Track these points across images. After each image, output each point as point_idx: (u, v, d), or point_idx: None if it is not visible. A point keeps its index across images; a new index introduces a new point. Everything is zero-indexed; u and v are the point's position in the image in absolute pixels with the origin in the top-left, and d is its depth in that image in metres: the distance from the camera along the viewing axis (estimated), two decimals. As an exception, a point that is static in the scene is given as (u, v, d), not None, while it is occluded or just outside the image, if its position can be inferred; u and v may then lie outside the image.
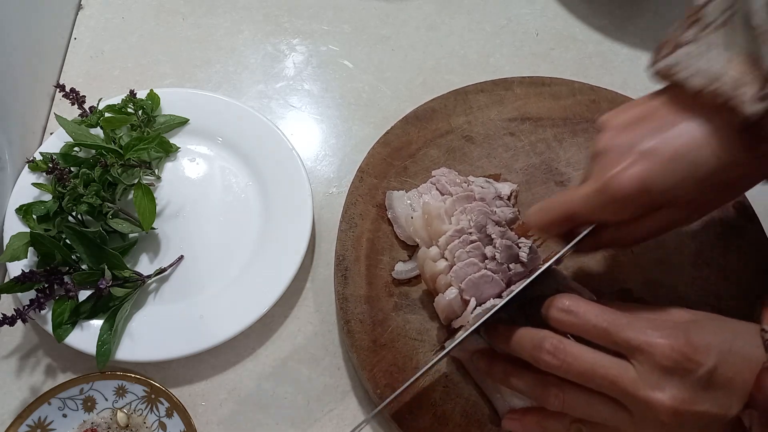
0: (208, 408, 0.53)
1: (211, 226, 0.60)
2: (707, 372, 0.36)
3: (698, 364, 0.36)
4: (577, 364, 0.39)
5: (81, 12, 0.75)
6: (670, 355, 0.37)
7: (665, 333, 0.38)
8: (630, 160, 0.40)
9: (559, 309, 0.41)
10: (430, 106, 0.63)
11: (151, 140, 0.59)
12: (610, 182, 0.40)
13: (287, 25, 0.75)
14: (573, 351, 0.39)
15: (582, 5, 0.78)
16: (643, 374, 0.37)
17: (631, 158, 0.40)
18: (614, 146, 0.41)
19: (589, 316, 0.40)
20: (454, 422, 0.49)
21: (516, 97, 0.64)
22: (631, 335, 0.38)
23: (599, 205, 0.41)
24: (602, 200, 0.41)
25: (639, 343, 0.38)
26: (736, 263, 0.56)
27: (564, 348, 0.40)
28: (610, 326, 0.39)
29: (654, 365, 0.37)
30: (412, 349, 0.51)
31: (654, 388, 0.37)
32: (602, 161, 0.41)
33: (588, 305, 0.40)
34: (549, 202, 0.45)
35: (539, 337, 0.41)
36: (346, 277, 0.54)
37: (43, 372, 0.54)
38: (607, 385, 0.38)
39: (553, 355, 0.40)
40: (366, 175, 0.59)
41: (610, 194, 0.40)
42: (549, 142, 0.62)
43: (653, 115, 0.41)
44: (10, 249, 0.53)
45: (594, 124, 0.43)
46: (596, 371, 0.39)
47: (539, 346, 0.40)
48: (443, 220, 0.51)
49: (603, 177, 0.40)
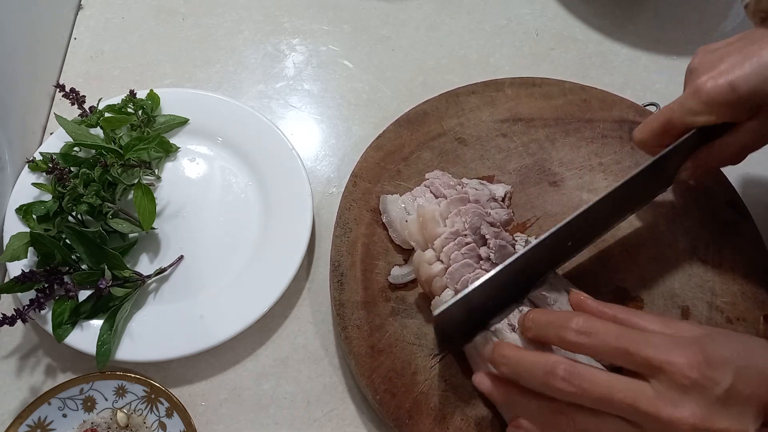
0: (208, 408, 0.53)
1: (211, 226, 0.60)
2: (726, 389, 0.36)
3: (717, 381, 0.36)
4: (593, 390, 0.38)
5: (81, 12, 0.75)
6: (689, 373, 0.36)
7: (684, 350, 0.37)
8: (721, 68, 0.45)
9: (574, 332, 0.40)
10: (422, 108, 0.63)
11: (151, 140, 0.59)
12: (702, 85, 0.45)
13: (287, 25, 0.75)
14: (588, 376, 0.38)
15: (582, 5, 0.78)
16: (661, 393, 0.37)
17: (722, 66, 0.45)
18: (706, 61, 0.47)
19: (608, 338, 0.39)
20: (454, 426, 0.49)
21: (507, 98, 0.64)
22: (652, 354, 0.37)
23: (694, 108, 0.46)
24: (696, 102, 0.46)
25: (660, 362, 0.37)
26: (731, 260, 0.56)
27: (579, 373, 0.38)
28: (630, 346, 0.38)
29: (673, 383, 0.36)
30: (411, 354, 0.51)
31: (674, 405, 0.36)
32: (695, 73, 0.47)
33: (604, 324, 0.40)
34: (652, 115, 0.50)
35: (551, 363, 0.39)
36: (342, 283, 0.54)
37: (43, 372, 0.54)
38: (625, 408, 0.37)
39: (568, 382, 0.38)
40: (359, 180, 0.59)
41: (703, 95, 0.45)
42: (541, 143, 0.62)
43: (742, 40, 0.47)
44: (10, 249, 0.53)
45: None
46: (614, 396, 0.37)
47: (552, 373, 0.39)
48: (438, 222, 0.51)
49: (696, 82, 0.46)
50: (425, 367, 0.51)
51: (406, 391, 0.50)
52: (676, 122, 0.47)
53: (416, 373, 0.51)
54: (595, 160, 0.61)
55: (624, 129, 0.63)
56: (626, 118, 0.63)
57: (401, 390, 0.50)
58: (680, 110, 0.47)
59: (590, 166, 0.61)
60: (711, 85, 0.45)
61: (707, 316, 0.54)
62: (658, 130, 0.49)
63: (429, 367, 0.51)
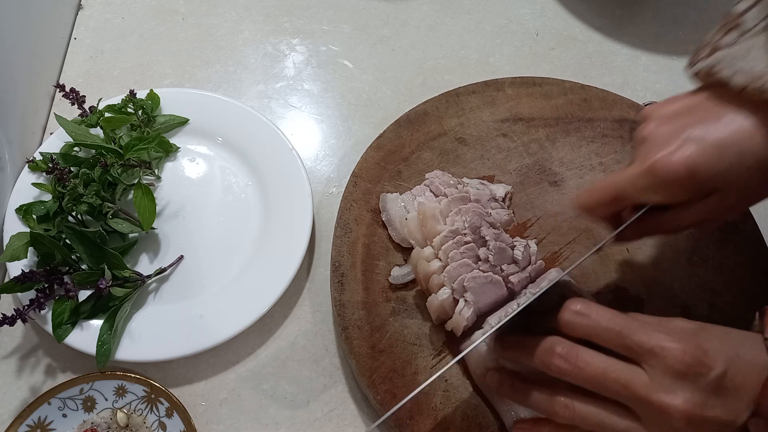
0: (208, 408, 0.53)
1: (211, 226, 0.60)
2: (717, 377, 0.36)
3: (709, 368, 0.36)
4: (588, 368, 0.39)
5: (81, 12, 0.75)
6: (682, 358, 0.37)
7: (677, 337, 0.38)
8: (677, 144, 0.41)
9: (571, 311, 0.41)
10: (422, 108, 0.63)
11: (151, 140, 0.59)
12: (657, 163, 0.41)
13: (287, 25, 0.75)
14: (584, 355, 0.40)
15: (582, 5, 0.78)
16: (655, 378, 0.37)
17: (678, 142, 0.41)
18: (660, 133, 0.42)
19: (601, 319, 0.40)
20: (455, 426, 0.49)
21: (507, 97, 0.64)
22: (644, 338, 0.38)
23: (647, 186, 0.42)
24: (650, 181, 0.42)
25: (651, 346, 0.38)
26: (732, 260, 0.56)
27: (576, 352, 0.40)
28: (623, 329, 0.39)
29: (666, 369, 0.37)
30: (411, 354, 0.51)
31: (667, 391, 0.37)
32: (648, 146, 0.42)
33: (600, 309, 0.41)
34: (596, 183, 0.46)
35: (550, 341, 0.41)
36: (342, 283, 0.54)
37: (43, 372, 0.54)
38: (619, 389, 0.38)
39: (564, 359, 0.40)
40: (360, 180, 0.59)
41: (657, 175, 0.41)
42: (542, 142, 0.62)
43: (698, 107, 0.42)
44: (10, 249, 0.53)
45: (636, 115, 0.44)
46: (608, 375, 0.38)
47: (550, 350, 0.40)
48: (438, 220, 0.51)
49: (650, 159, 0.41)
50: (426, 367, 0.51)
51: (406, 391, 0.50)
52: (626, 198, 0.44)
53: (417, 373, 0.51)
54: (596, 160, 0.61)
55: (624, 128, 0.63)
56: (627, 117, 0.63)
57: (402, 390, 0.50)
58: (631, 187, 0.43)
59: (591, 166, 0.61)
60: (666, 166, 0.41)
61: (707, 316, 0.54)
62: (606, 202, 0.45)
63: (430, 367, 0.51)
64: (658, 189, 0.42)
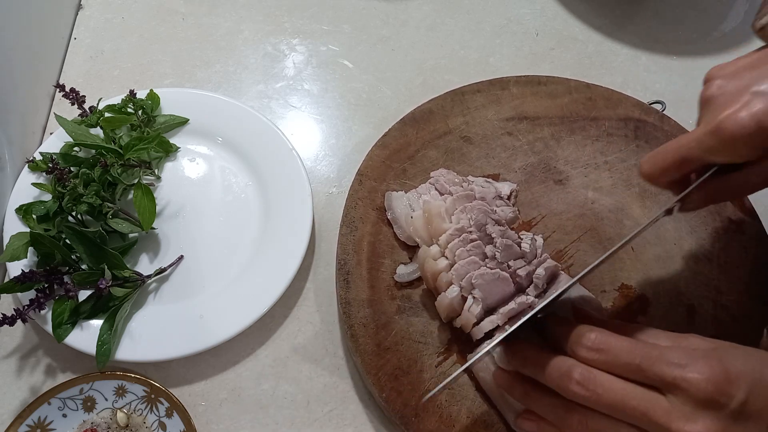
0: (208, 408, 0.53)
1: (211, 226, 0.59)
2: (739, 404, 0.36)
3: (731, 396, 0.36)
4: (607, 395, 0.38)
5: (81, 12, 0.75)
6: (705, 388, 0.36)
7: (699, 366, 0.37)
8: (744, 100, 0.39)
9: (587, 348, 0.40)
10: (427, 107, 0.63)
11: (151, 140, 0.59)
12: (725, 122, 0.39)
13: (287, 25, 0.75)
14: (603, 382, 0.38)
15: (582, 5, 0.78)
16: (676, 406, 0.36)
17: (746, 98, 0.39)
18: (726, 91, 0.41)
19: (620, 353, 0.39)
20: (460, 424, 0.49)
21: (513, 96, 0.64)
22: (666, 370, 0.37)
23: (714, 147, 0.40)
24: (717, 141, 0.40)
25: (673, 378, 0.37)
26: (737, 258, 0.56)
27: (594, 378, 0.38)
28: (642, 362, 0.38)
29: (688, 399, 0.36)
30: (417, 352, 0.51)
31: (687, 420, 0.36)
32: (713, 105, 0.41)
33: (617, 340, 0.39)
34: (662, 147, 0.44)
35: (567, 366, 0.40)
36: (348, 281, 0.54)
37: (43, 372, 0.54)
38: (638, 417, 0.37)
39: (582, 386, 0.38)
40: (365, 178, 0.59)
41: (725, 134, 0.39)
42: (547, 141, 0.62)
43: (763, 63, 0.41)
44: (10, 249, 0.53)
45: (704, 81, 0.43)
46: (627, 403, 0.37)
47: (567, 375, 0.39)
48: (444, 218, 0.51)
49: (717, 118, 0.40)
50: (431, 365, 0.51)
51: (412, 388, 0.50)
52: (692, 160, 0.43)
53: (422, 371, 0.50)
54: (601, 159, 0.61)
55: (629, 127, 0.62)
56: (631, 116, 0.63)
57: (407, 388, 0.50)
58: (698, 148, 0.41)
59: (595, 165, 0.61)
60: (734, 124, 0.39)
61: (713, 315, 0.53)
62: (671, 167, 0.43)
63: (435, 365, 0.51)
64: (727, 148, 0.40)
